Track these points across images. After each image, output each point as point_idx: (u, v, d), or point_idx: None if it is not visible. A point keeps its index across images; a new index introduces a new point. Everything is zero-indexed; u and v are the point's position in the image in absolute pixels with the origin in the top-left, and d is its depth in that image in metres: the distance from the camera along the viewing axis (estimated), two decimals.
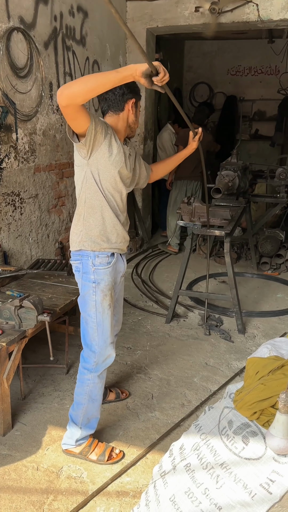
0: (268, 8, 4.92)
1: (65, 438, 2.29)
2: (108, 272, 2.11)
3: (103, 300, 2.10)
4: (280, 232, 5.25)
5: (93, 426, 2.28)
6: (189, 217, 3.63)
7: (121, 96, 2.06)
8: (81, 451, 2.25)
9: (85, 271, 2.10)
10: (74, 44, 4.22)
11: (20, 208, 3.55)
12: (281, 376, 1.53)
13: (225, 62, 8.61)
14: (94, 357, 2.16)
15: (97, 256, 2.07)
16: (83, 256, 2.09)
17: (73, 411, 2.26)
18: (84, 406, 2.21)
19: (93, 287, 2.09)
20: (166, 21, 5.31)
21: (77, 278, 2.17)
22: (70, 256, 2.20)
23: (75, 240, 2.12)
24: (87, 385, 2.20)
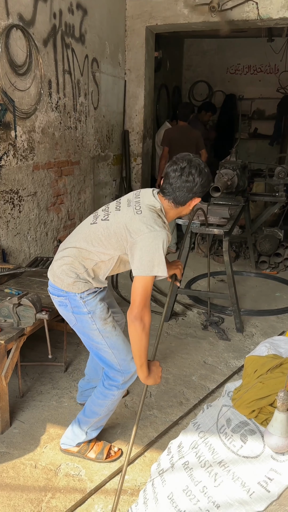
0: (268, 6, 4.91)
1: (65, 438, 2.28)
2: (97, 299, 2.01)
3: (105, 325, 2.03)
4: (278, 231, 5.25)
5: (94, 435, 2.27)
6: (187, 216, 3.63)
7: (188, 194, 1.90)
8: (80, 449, 2.26)
9: (74, 306, 2.00)
10: (73, 42, 4.20)
11: (19, 206, 3.55)
12: (279, 374, 1.53)
13: (224, 61, 8.60)
14: (122, 376, 2.10)
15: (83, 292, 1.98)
16: (68, 293, 1.99)
17: (84, 417, 2.22)
18: (99, 416, 2.19)
19: (89, 317, 2.00)
20: (166, 19, 5.30)
21: (64, 313, 2.06)
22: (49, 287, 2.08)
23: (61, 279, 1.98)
24: (110, 400, 2.15)
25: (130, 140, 5.84)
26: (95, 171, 4.99)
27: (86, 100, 4.56)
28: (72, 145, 4.36)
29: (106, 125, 5.20)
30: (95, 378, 2.47)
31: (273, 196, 5.12)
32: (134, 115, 5.76)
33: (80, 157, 4.57)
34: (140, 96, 5.69)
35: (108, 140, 5.30)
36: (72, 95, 4.25)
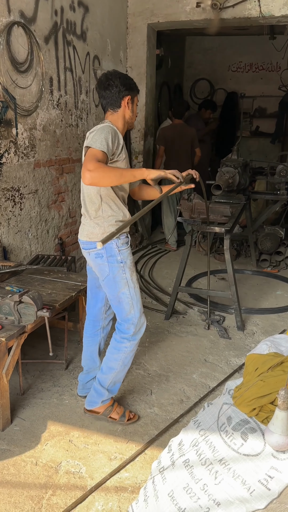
0: (270, 4, 4.89)
1: (89, 399, 2.50)
2: (129, 251, 2.35)
3: (132, 276, 2.34)
4: (280, 229, 5.24)
5: (116, 390, 2.51)
6: (189, 214, 3.63)
7: (117, 94, 2.26)
8: (104, 411, 2.48)
9: (110, 255, 2.28)
10: (75, 39, 4.19)
11: (20, 203, 3.55)
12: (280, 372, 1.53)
13: (226, 58, 8.57)
14: (133, 328, 2.37)
15: (119, 238, 2.27)
16: None
17: (102, 375, 2.45)
18: (115, 371, 2.42)
19: (121, 266, 2.30)
20: (167, 17, 5.29)
21: (99, 263, 2.32)
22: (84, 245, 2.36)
23: (95, 232, 2.29)
24: (124, 352, 2.39)
25: (132, 138, 5.83)
26: None
27: (87, 98, 4.55)
28: (73, 142, 4.35)
29: None
30: (93, 367, 2.64)
31: (274, 195, 5.12)
32: None
33: (81, 154, 4.56)
34: (141, 94, 5.64)
35: None
36: (73, 93, 4.24)
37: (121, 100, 2.27)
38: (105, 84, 2.27)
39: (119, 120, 2.30)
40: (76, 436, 2.40)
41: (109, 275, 2.31)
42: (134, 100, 2.33)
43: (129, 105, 2.30)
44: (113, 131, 2.17)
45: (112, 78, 2.26)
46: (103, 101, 2.31)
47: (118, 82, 2.24)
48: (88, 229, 2.32)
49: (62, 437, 2.39)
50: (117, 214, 2.29)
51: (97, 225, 2.29)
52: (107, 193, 2.25)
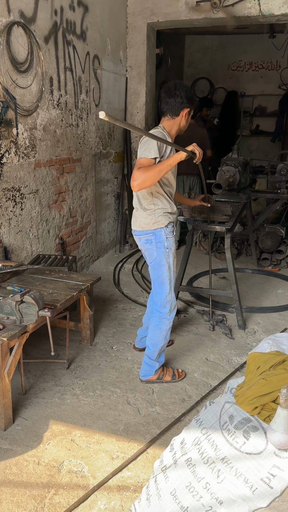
0: (270, 2, 4.89)
1: (143, 372, 2.87)
2: (173, 240, 2.72)
3: (174, 261, 2.73)
4: (280, 228, 5.25)
5: (163, 359, 2.90)
6: (189, 213, 3.63)
7: (179, 104, 2.58)
8: (158, 376, 2.87)
9: (159, 241, 2.66)
10: (75, 39, 4.19)
11: (21, 203, 3.55)
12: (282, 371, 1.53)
13: (225, 57, 8.57)
14: (169, 306, 2.76)
15: (167, 227, 2.65)
16: (155, 230, 2.65)
17: (149, 351, 2.83)
18: (160, 345, 2.80)
19: (167, 252, 2.68)
20: (167, 16, 5.29)
21: (148, 248, 2.71)
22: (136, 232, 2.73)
23: (147, 222, 2.65)
24: (164, 330, 2.79)
25: (132, 137, 5.83)
26: (96, 169, 4.98)
27: (87, 97, 4.55)
28: (74, 142, 4.35)
29: (108, 122, 5.18)
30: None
31: (275, 193, 5.12)
32: (136, 112, 5.75)
33: (82, 154, 4.57)
34: (141, 93, 5.68)
35: (110, 137, 5.29)
36: (73, 92, 4.24)
37: (181, 111, 2.60)
38: (172, 93, 2.57)
39: (174, 126, 2.65)
40: (78, 436, 2.41)
41: (156, 258, 2.68)
42: (190, 113, 2.66)
43: (186, 116, 2.64)
44: (161, 135, 2.51)
45: (179, 89, 2.56)
46: (165, 107, 2.62)
47: (183, 94, 2.55)
48: (141, 220, 2.68)
49: (64, 437, 2.40)
50: (165, 207, 2.64)
51: (149, 215, 2.64)
52: (156, 190, 2.61)
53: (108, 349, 3.29)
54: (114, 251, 5.68)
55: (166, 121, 2.65)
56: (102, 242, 5.39)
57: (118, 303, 4.10)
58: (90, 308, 3.22)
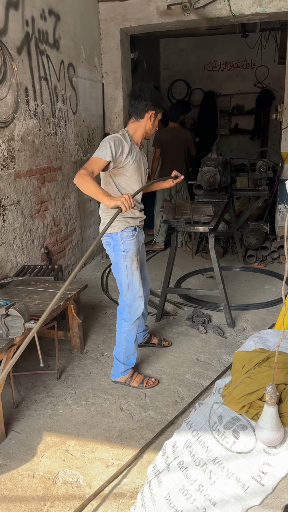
0: (239, 3, 4.95)
1: (112, 372, 2.90)
2: (133, 243, 2.70)
3: (132, 264, 2.71)
4: (264, 225, 5.30)
5: (133, 362, 2.88)
6: (172, 215, 3.64)
7: (144, 106, 2.56)
8: (125, 380, 2.86)
9: (115, 244, 2.69)
10: (48, 48, 4.19)
11: (2, 215, 3.53)
12: (267, 368, 1.55)
13: (201, 58, 8.63)
14: (128, 308, 2.77)
15: (124, 231, 2.67)
16: (112, 234, 2.68)
17: (115, 351, 2.87)
18: (123, 347, 2.81)
19: (123, 255, 2.69)
20: (139, 21, 5.31)
21: (108, 250, 2.77)
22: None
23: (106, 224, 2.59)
24: (124, 332, 2.80)
25: None
26: None
27: (64, 106, 4.55)
28: (53, 151, 4.35)
29: (87, 129, 5.19)
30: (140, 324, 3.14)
31: (256, 191, 5.16)
32: (114, 117, 5.77)
33: (62, 162, 4.56)
34: (118, 99, 5.69)
35: (90, 144, 5.29)
36: (50, 101, 4.24)
37: (146, 113, 2.58)
38: (136, 95, 2.57)
39: (139, 129, 2.63)
40: (72, 445, 2.40)
41: (114, 260, 2.74)
42: (157, 116, 2.63)
43: (151, 119, 2.61)
44: (118, 139, 2.49)
45: (144, 91, 2.56)
46: (130, 109, 2.62)
47: (147, 96, 2.54)
48: (102, 222, 2.74)
49: (58, 448, 2.38)
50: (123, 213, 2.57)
51: (106, 220, 2.67)
52: (114, 194, 2.58)
53: (99, 356, 3.28)
54: (101, 257, 5.68)
55: (131, 124, 2.65)
56: (88, 249, 5.38)
57: (107, 309, 4.10)
58: (79, 316, 3.21)
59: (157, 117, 2.64)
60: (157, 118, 2.65)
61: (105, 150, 2.40)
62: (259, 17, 5.17)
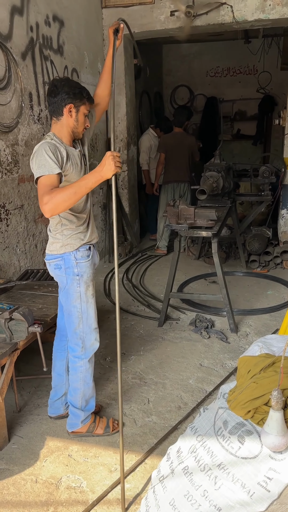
0: (242, 9, 4.98)
1: (69, 422, 2.47)
2: (88, 265, 2.34)
3: (86, 291, 2.33)
4: (267, 230, 5.29)
5: (93, 406, 2.48)
6: (175, 220, 3.64)
7: (61, 101, 2.17)
8: (88, 429, 2.47)
9: (68, 266, 2.29)
10: (52, 54, 4.22)
11: (6, 219, 3.54)
12: (272, 373, 1.54)
13: (203, 64, 8.67)
14: (81, 343, 2.36)
15: (78, 250, 2.29)
16: (64, 254, 2.30)
17: (71, 397, 2.44)
18: (80, 390, 2.41)
19: (77, 279, 2.30)
20: (143, 27, 5.34)
21: (58, 274, 2.34)
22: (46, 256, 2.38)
23: (55, 246, 2.31)
24: (80, 372, 2.40)
25: (116, 148, 5.85)
26: None
27: None
28: None
29: None
30: (60, 383, 2.61)
31: (259, 196, 5.17)
32: (117, 122, 5.79)
33: None
34: (121, 104, 5.72)
35: (93, 149, 5.31)
36: None
37: (63, 108, 2.17)
38: (50, 91, 2.19)
39: (63, 129, 2.22)
40: (75, 450, 2.39)
41: (65, 285, 2.32)
42: (79, 109, 2.19)
43: (72, 114, 2.18)
44: (51, 146, 2.10)
45: (57, 85, 2.16)
46: (49, 108, 2.23)
47: (62, 90, 2.14)
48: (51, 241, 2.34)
49: (61, 452, 2.38)
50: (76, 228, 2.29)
51: (55, 239, 2.30)
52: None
53: (102, 361, 3.27)
54: (103, 262, 5.68)
55: (53, 125, 2.24)
56: None
57: (110, 313, 4.09)
58: None
59: (80, 111, 2.20)
60: (81, 112, 2.21)
61: (46, 164, 2.04)
62: (262, 23, 5.19)
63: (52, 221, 2.29)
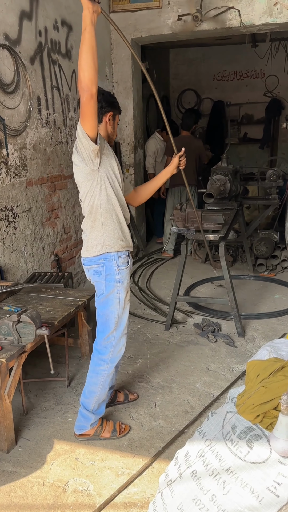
0: (250, 13, 4.98)
1: (78, 424, 2.47)
2: (128, 271, 2.35)
3: (125, 297, 2.35)
4: (274, 233, 5.27)
5: (103, 410, 2.49)
6: (182, 223, 3.64)
7: (99, 109, 2.21)
8: (95, 432, 2.46)
9: (109, 273, 2.30)
10: (60, 58, 4.25)
11: (14, 222, 3.56)
12: (282, 378, 1.53)
13: (210, 68, 8.69)
14: (111, 347, 2.38)
15: (120, 257, 2.29)
16: (106, 259, 2.29)
17: (85, 399, 2.43)
18: (96, 394, 2.40)
19: (118, 286, 2.30)
20: (150, 31, 5.37)
21: (96, 280, 2.34)
22: (84, 261, 2.36)
23: (95, 245, 2.28)
24: (102, 376, 2.40)
25: (122, 151, 5.88)
26: None
27: (75, 115, 4.60)
28: (64, 159, 4.38)
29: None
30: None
31: (266, 199, 5.15)
32: (124, 126, 5.81)
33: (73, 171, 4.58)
34: (129, 108, 5.74)
35: None
36: (61, 110, 4.28)
37: (103, 116, 2.29)
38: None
39: (101, 133, 2.31)
40: (82, 454, 2.39)
41: (104, 293, 2.32)
42: (115, 118, 2.35)
43: (110, 121, 2.32)
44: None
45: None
46: None
47: (101, 98, 2.23)
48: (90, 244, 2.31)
49: (68, 456, 2.37)
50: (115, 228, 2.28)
51: (95, 240, 2.29)
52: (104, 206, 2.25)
53: None
54: None
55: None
56: None
57: None
58: (88, 323, 3.21)
59: (115, 120, 2.36)
60: (116, 121, 2.38)
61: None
62: (270, 27, 5.20)
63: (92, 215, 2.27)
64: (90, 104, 1.95)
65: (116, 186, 2.28)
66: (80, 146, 2.13)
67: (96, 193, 2.24)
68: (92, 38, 1.87)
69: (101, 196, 2.24)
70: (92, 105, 1.96)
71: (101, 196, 2.24)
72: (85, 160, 2.16)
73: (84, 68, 1.87)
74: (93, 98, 1.93)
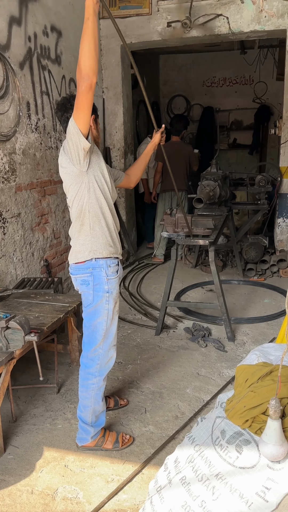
0: (238, 20, 5.04)
1: (80, 436, 2.43)
2: (117, 281, 2.28)
3: (114, 308, 2.27)
4: (263, 238, 5.31)
5: (103, 421, 2.43)
6: (172, 228, 3.65)
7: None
8: (97, 443, 2.41)
9: (97, 283, 2.21)
10: (50, 63, 4.25)
11: (3, 228, 3.54)
12: (270, 382, 1.54)
13: (200, 74, 8.76)
14: (98, 360, 2.30)
15: (109, 266, 2.21)
16: (94, 268, 2.21)
17: (81, 413, 2.39)
18: (91, 408, 2.35)
19: (106, 296, 2.22)
20: (140, 37, 5.40)
21: (84, 290, 2.25)
22: (72, 270, 2.28)
23: (82, 250, 2.21)
24: (92, 390, 2.34)
25: (112, 157, 5.89)
26: None
27: None
28: (54, 164, 4.37)
29: None
30: None
31: (255, 205, 5.19)
32: (114, 132, 5.82)
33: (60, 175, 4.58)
34: (119, 113, 5.76)
35: None
36: (51, 116, 4.28)
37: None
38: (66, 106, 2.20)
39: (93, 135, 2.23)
40: (72, 461, 2.37)
41: (91, 303, 2.25)
42: (97, 121, 2.27)
43: (94, 124, 2.22)
44: None
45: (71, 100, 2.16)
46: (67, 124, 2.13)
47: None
48: (77, 249, 2.23)
49: (57, 463, 2.35)
50: (103, 233, 2.20)
51: (82, 244, 2.21)
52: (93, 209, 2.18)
53: None
54: None
55: None
56: None
57: None
58: (78, 329, 3.19)
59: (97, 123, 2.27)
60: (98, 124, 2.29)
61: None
62: (258, 35, 5.26)
63: (80, 219, 2.19)
64: (88, 94, 1.87)
65: (105, 190, 2.21)
66: (69, 144, 2.04)
67: (85, 196, 2.16)
68: (95, 28, 1.86)
69: (89, 199, 2.16)
70: (90, 96, 1.88)
71: (90, 199, 2.16)
72: (73, 161, 2.09)
73: (85, 57, 1.83)
74: (92, 88, 1.86)
